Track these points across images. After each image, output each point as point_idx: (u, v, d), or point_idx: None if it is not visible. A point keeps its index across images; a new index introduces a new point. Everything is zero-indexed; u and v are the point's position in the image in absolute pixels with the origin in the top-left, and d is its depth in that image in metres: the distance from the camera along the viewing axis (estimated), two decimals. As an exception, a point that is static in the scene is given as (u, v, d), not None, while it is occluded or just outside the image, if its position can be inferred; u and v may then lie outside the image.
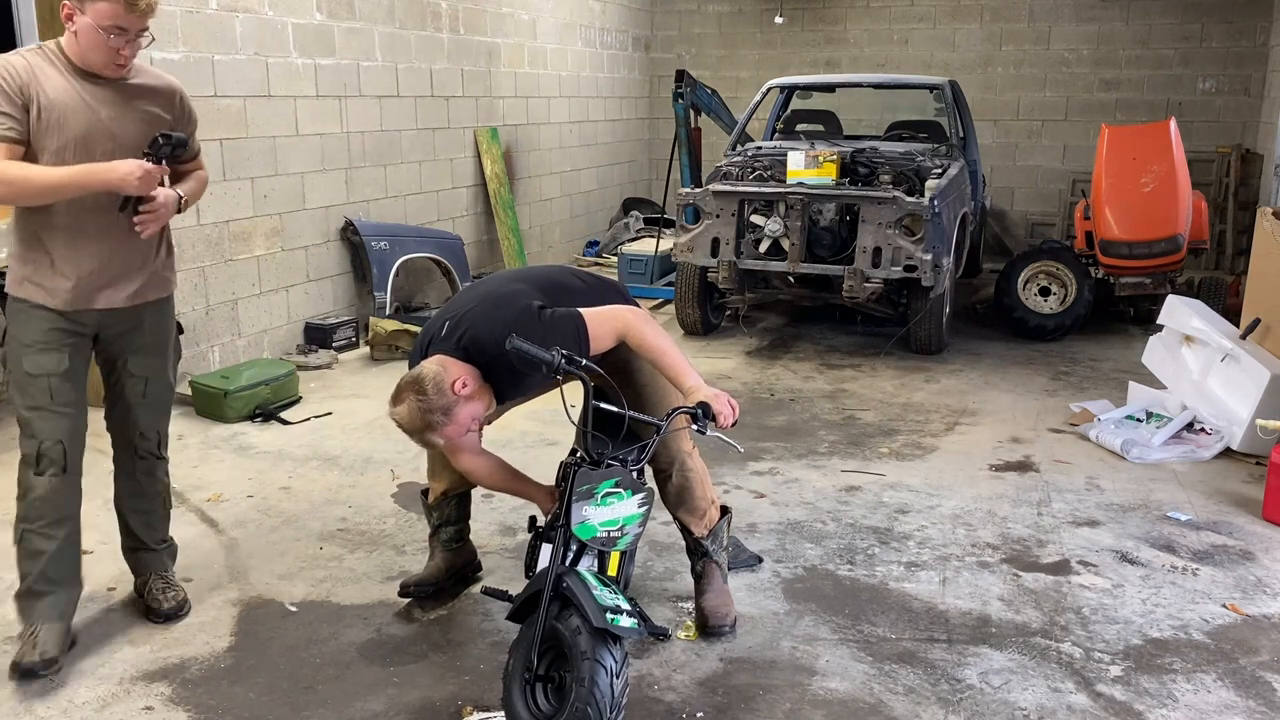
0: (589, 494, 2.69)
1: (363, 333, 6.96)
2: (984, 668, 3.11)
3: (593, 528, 2.69)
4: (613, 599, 2.57)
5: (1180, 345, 5.34)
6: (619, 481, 2.72)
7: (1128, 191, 6.97)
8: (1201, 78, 10.14)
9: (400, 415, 2.81)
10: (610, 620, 2.49)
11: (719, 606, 3.30)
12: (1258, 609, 3.49)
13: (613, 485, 2.71)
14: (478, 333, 2.91)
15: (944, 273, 6.44)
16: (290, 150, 6.45)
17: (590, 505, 2.68)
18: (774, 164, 6.99)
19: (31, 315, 2.95)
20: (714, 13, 11.79)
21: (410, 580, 3.48)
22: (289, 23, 6.38)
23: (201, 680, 3.01)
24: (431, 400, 2.76)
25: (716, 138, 10.12)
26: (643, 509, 2.76)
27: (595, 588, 2.59)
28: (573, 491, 2.70)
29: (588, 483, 2.69)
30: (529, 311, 2.89)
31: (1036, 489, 4.55)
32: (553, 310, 2.92)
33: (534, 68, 9.40)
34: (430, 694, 2.96)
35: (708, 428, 2.79)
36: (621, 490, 2.72)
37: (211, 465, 4.73)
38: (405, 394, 2.80)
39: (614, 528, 2.70)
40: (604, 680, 2.45)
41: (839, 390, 6.07)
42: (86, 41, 2.78)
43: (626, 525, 2.72)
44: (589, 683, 2.43)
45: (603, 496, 2.69)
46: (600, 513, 2.69)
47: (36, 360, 2.95)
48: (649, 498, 2.79)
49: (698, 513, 3.31)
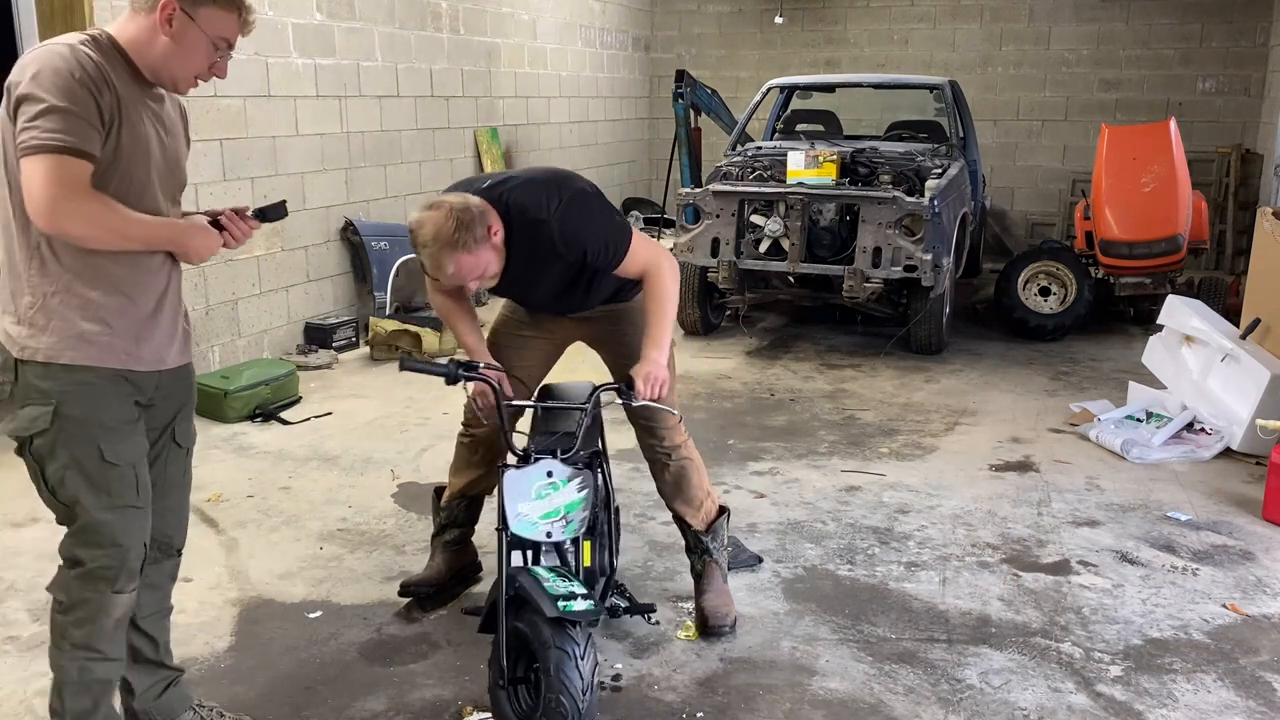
0: (519, 493, 2.66)
1: (363, 333, 6.96)
2: (984, 668, 3.11)
3: (533, 523, 2.66)
4: (566, 586, 2.56)
5: (1180, 345, 5.34)
6: (551, 472, 2.70)
7: (1128, 191, 6.97)
8: (1201, 78, 10.14)
9: (430, 219, 2.69)
10: (562, 608, 2.48)
11: (719, 606, 3.30)
12: (1258, 609, 3.49)
13: (545, 477, 2.69)
14: (522, 196, 2.86)
15: (944, 273, 6.44)
16: (290, 150, 6.45)
17: (524, 503, 2.66)
18: (774, 164, 6.99)
19: (105, 386, 2.28)
20: (714, 13, 11.79)
21: (411, 580, 3.48)
22: (289, 23, 6.38)
23: (201, 680, 3.00)
24: (471, 223, 2.69)
25: (716, 138, 10.11)
26: (583, 492, 2.73)
27: (546, 579, 2.58)
28: (503, 494, 2.68)
29: (515, 482, 2.68)
30: (584, 195, 2.88)
31: (1036, 489, 4.55)
32: (608, 204, 2.91)
33: (534, 68, 9.40)
34: (430, 694, 2.96)
35: (633, 398, 2.82)
36: (556, 480, 2.70)
37: (211, 465, 4.73)
38: (444, 206, 2.71)
39: (556, 518, 2.67)
40: (568, 665, 2.45)
41: (839, 390, 6.07)
42: (186, 49, 2.24)
43: (570, 513, 2.69)
44: (555, 670, 2.44)
45: (536, 491, 2.67)
46: (537, 507, 2.66)
47: (118, 447, 2.30)
48: (587, 480, 2.75)
49: (694, 504, 3.31)
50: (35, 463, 2.29)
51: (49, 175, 2.06)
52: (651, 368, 2.86)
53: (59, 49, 2.12)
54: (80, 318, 2.23)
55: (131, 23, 2.24)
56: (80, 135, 2.09)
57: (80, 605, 2.32)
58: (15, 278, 2.24)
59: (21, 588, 3.54)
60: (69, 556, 2.34)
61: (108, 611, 2.34)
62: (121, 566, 2.32)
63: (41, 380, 2.24)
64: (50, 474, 2.28)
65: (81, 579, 2.32)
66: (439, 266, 2.74)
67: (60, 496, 2.29)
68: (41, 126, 2.06)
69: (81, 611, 2.32)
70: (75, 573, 2.33)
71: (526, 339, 3.28)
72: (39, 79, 2.08)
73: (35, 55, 2.13)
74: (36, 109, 2.07)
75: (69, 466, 2.27)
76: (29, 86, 2.08)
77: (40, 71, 2.09)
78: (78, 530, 2.32)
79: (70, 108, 2.07)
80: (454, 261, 2.72)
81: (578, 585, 2.59)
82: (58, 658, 2.36)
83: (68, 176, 2.07)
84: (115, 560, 2.31)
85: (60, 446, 2.26)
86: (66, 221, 2.11)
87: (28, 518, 4.05)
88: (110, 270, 2.25)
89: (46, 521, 3.96)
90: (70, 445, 2.26)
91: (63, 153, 2.07)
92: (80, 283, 2.23)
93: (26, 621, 3.32)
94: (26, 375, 2.24)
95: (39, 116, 2.06)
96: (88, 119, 2.10)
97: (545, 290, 3.08)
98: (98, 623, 2.33)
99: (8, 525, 4.02)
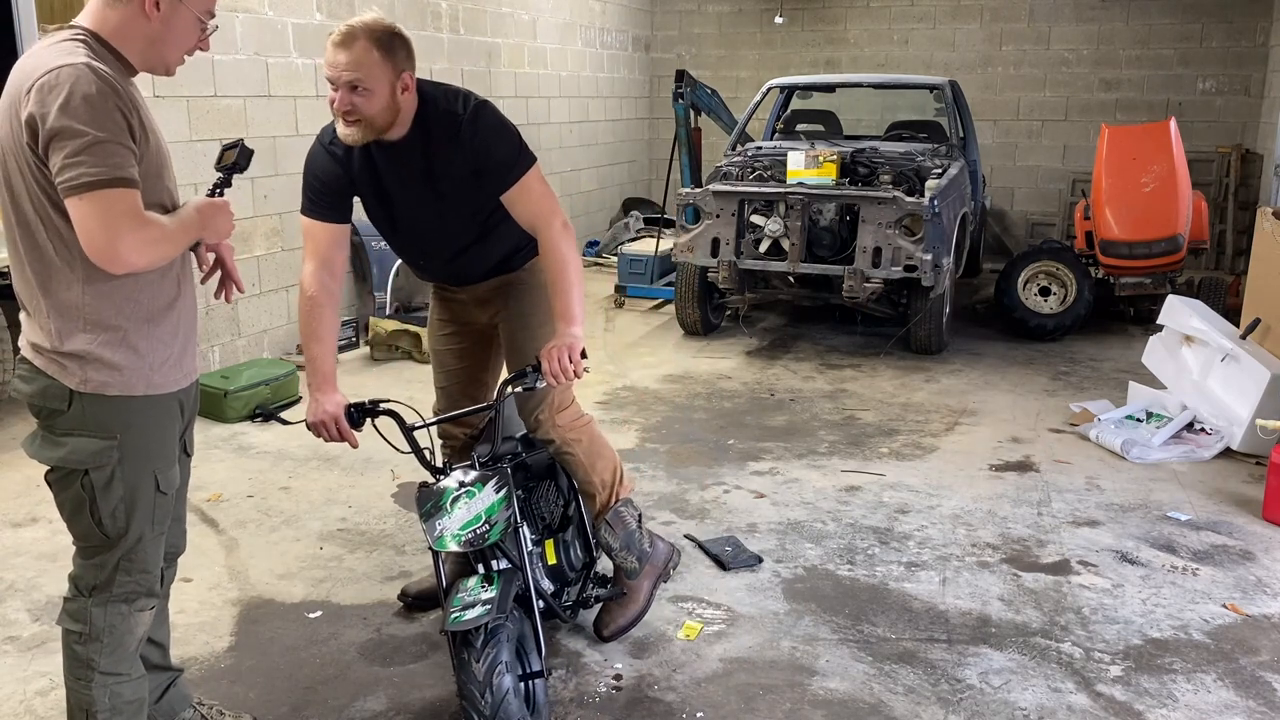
0: (435, 509, 2.62)
1: (363, 333, 6.96)
2: (984, 668, 3.11)
3: (455, 535, 2.60)
4: (473, 595, 2.54)
5: (1180, 345, 5.34)
6: (462, 482, 2.64)
7: (1128, 191, 6.97)
8: (1201, 78, 10.14)
9: (371, 14, 2.60)
10: (452, 619, 2.48)
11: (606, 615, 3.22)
12: (1258, 609, 3.49)
13: (456, 488, 2.64)
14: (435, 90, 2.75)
15: (944, 273, 6.44)
16: (290, 150, 6.45)
17: (441, 518, 2.61)
18: (774, 164, 6.99)
19: (168, 413, 2.26)
20: (714, 13, 11.79)
21: (412, 589, 3.45)
22: (289, 23, 6.38)
23: (201, 680, 3.00)
24: (401, 44, 2.60)
25: (716, 138, 10.12)
26: (501, 492, 2.66)
27: (462, 590, 2.58)
28: (421, 516, 2.65)
29: (428, 500, 2.64)
30: (494, 107, 2.77)
31: (1036, 489, 4.55)
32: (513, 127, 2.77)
33: (534, 68, 9.40)
34: (430, 694, 2.96)
35: (538, 380, 2.65)
36: (470, 487, 2.64)
37: (211, 465, 4.73)
38: (389, 20, 2.63)
39: (478, 524, 2.61)
40: (466, 672, 2.45)
41: (839, 390, 6.07)
42: (177, 31, 2.16)
43: (492, 516, 2.62)
44: (457, 679, 2.47)
45: (451, 503, 2.62)
46: (455, 519, 2.60)
47: (169, 475, 2.28)
48: (503, 479, 2.67)
49: (588, 494, 3.17)
50: (85, 495, 2.18)
51: (106, 213, 1.97)
52: (563, 341, 2.60)
53: (80, 74, 1.98)
54: (145, 344, 2.18)
55: (111, 12, 2.11)
56: (124, 163, 2.00)
57: (106, 632, 2.26)
58: (59, 310, 2.12)
59: (21, 588, 3.54)
60: (90, 584, 2.26)
61: (133, 631, 2.31)
62: (146, 589, 2.31)
63: (108, 414, 2.16)
64: (103, 506, 2.19)
65: (104, 604, 2.26)
66: (346, 40, 2.56)
67: (109, 528, 2.21)
68: (87, 162, 1.95)
69: (108, 638, 2.27)
70: (97, 599, 2.26)
71: (449, 334, 3.23)
72: (70, 110, 1.95)
73: (55, 78, 1.98)
74: (76, 144, 1.95)
75: (123, 498, 2.20)
76: (62, 119, 1.95)
77: (69, 99, 1.96)
78: (110, 558, 2.24)
79: (108, 138, 1.98)
80: (359, 46, 2.55)
81: (490, 590, 2.55)
82: (85, 691, 2.27)
83: (123, 210, 1.99)
84: (143, 585, 2.30)
85: (118, 480, 2.19)
86: (133, 256, 2.02)
87: (27, 518, 4.05)
88: (158, 289, 2.20)
89: (46, 521, 3.99)
90: (128, 478, 2.20)
91: (111, 186, 1.97)
92: (131, 306, 2.16)
93: (26, 621, 3.32)
94: (87, 407, 2.15)
95: (82, 152, 1.95)
96: (124, 144, 2.01)
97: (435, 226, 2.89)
98: (124, 644, 2.30)
99: (8, 525, 4.02)
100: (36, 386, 2.17)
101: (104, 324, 2.13)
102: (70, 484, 2.19)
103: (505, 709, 2.42)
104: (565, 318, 2.68)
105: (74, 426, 2.16)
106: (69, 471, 2.18)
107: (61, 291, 2.12)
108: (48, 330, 2.14)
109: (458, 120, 2.71)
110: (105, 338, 2.13)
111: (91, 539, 2.24)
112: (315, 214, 2.89)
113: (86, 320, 2.12)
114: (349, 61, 2.56)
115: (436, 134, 2.72)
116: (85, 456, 2.16)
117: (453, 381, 3.26)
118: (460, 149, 2.72)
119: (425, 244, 3.01)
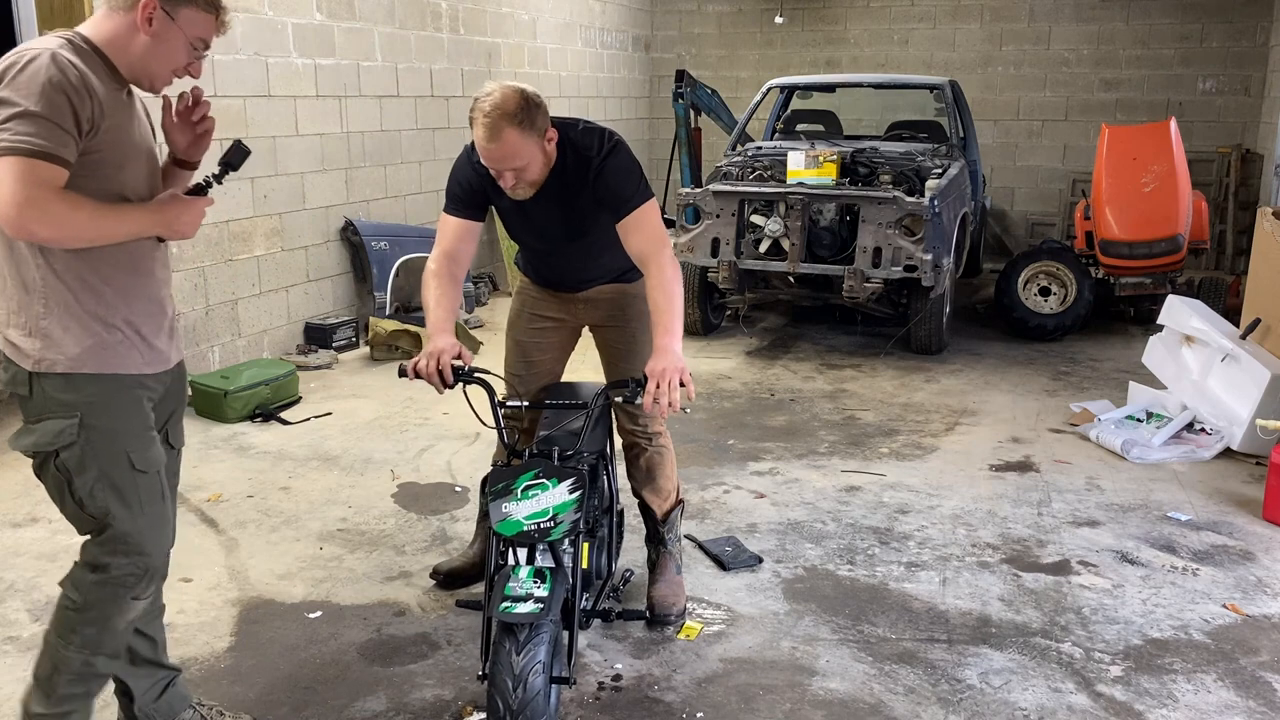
0: (505, 491, 2.63)
1: (363, 333, 6.96)
2: (984, 668, 3.11)
3: (517, 523, 2.61)
4: (526, 589, 2.53)
5: (1180, 345, 5.34)
6: (540, 472, 2.65)
7: (1128, 191, 6.97)
8: (1201, 78, 10.14)
9: (499, 89, 2.72)
10: (503, 609, 2.47)
11: (667, 596, 3.36)
12: (1258, 609, 3.49)
13: (533, 477, 2.64)
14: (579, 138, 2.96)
15: (944, 273, 6.44)
16: (290, 150, 6.45)
17: (510, 502, 2.62)
18: (774, 164, 6.99)
19: (129, 393, 2.28)
20: (714, 13, 11.79)
21: (444, 566, 3.56)
22: (289, 23, 6.38)
23: (201, 680, 3.00)
24: (537, 109, 2.73)
25: (716, 138, 10.12)
26: (575, 494, 2.66)
27: (514, 580, 2.57)
28: (488, 493, 2.66)
29: (501, 480, 2.65)
30: (628, 148, 3.02)
31: (1036, 489, 4.55)
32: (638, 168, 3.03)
33: (534, 68, 9.40)
34: (430, 694, 2.96)
35: (638, 395, 2.72)
36: (545, 480, 2.64)
37: (211, 465, 4.73)
38: (517, 86, 2.75)
39: (544, 519, 2.62)
40: (503, 662, 2.44)
41: (839, 390, 6.07)
42: (166, 49, 2.23)
43: (559, 514, 2.63)
44: (492, 667, 2.46)
45: (524, 490, 2.63)
46: (523, 507, 2.61)
47: (145, 453, 2.31)
48: (580, 482, 2.68)
49: (662, 494, 3.42)
50: (61, 477, 2.24)
51: (19, 180, 2.02)
52: (668, 361, 2.66)
53: (41, 57, 2.08)
54: (95, 324, 2.22)
55: (109, 21, 2.21)
56: (54, 140, 2.05)
57: (95, 607, 2.31)
58: (19, 289, 2.20)
59: (21, 588, 3.54)
60: (92, 562, 2.31)
61: (123, 615, 2.34)
62: (145, 573, 2.33)
63: (64, 392, 2.21)
64: (79, 487, 2.24)
65: (101, 584, 2.30)
66: (492, 134, 2.68)
67: (90, 509, 2.26)
68: (14, 129, 2.03)
69: (95, 613, 2.31)
70: (96, 578, 2.31)
71: (542, 328, 3.32)
72: (15, 84, 2.05)
73: (18, 58, 2.09)
74: (10, 112, 2.04)
75: (99, 478, 2.24)
76: (5, 90, 2.05)
77: (17, 76, 2.06)
78: (106, 539, 2.29)
79: (44, 113, 2.04)
80: (506, 136, 2.69)
81: (543, 589, 2.54)
82: (61, 649, 2.33)
83: (36, 179, 2.03)
84: (140, 568, 2.32)
85: (89, 458, 2.23)
86: (33, 224, 2.06)
87: (27, 518, 4.05)
88: (112, 273, 2.24)
89: (46, 521, 3.99)
90: (99, 456, 2.23)
91: (34, 156, 2.03)
92: (86, 289, 2.21)
93: (26, 621, 3.32)
94: (45, 388, 2.21)
95: (12, 120, 2.03)
96: (62, 125, 2.06)
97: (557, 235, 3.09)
98: (110, 625, 2.33)
99: (7, 525, 4.02)
100: (9, 374, 2.26)
101: (50, 299, 2.20)
102: (48, 468, 2.26)
103: (534, 707, 2.43)
104: (668, 330, 2.78)
105: (41, 411, 2.23)
106: (45, 457, 2.25)
107: (18, 269, 2.20)
108: (5, 311, 2.23)
109: (590, 161, 2.93)
110: (57, 315, 2.20)
111: (81, 521, 2.31)
112: (453, 211, 3.11)
113: (37, 297, 2.20)
114: (504, 154, 2.74)
115: (571, 168, 2.93)
116: (51, 437, 2.22)
117: (531, 371, 3.35)
118: (587, 185, 2.95)
119: (556, 251, 3.21)
